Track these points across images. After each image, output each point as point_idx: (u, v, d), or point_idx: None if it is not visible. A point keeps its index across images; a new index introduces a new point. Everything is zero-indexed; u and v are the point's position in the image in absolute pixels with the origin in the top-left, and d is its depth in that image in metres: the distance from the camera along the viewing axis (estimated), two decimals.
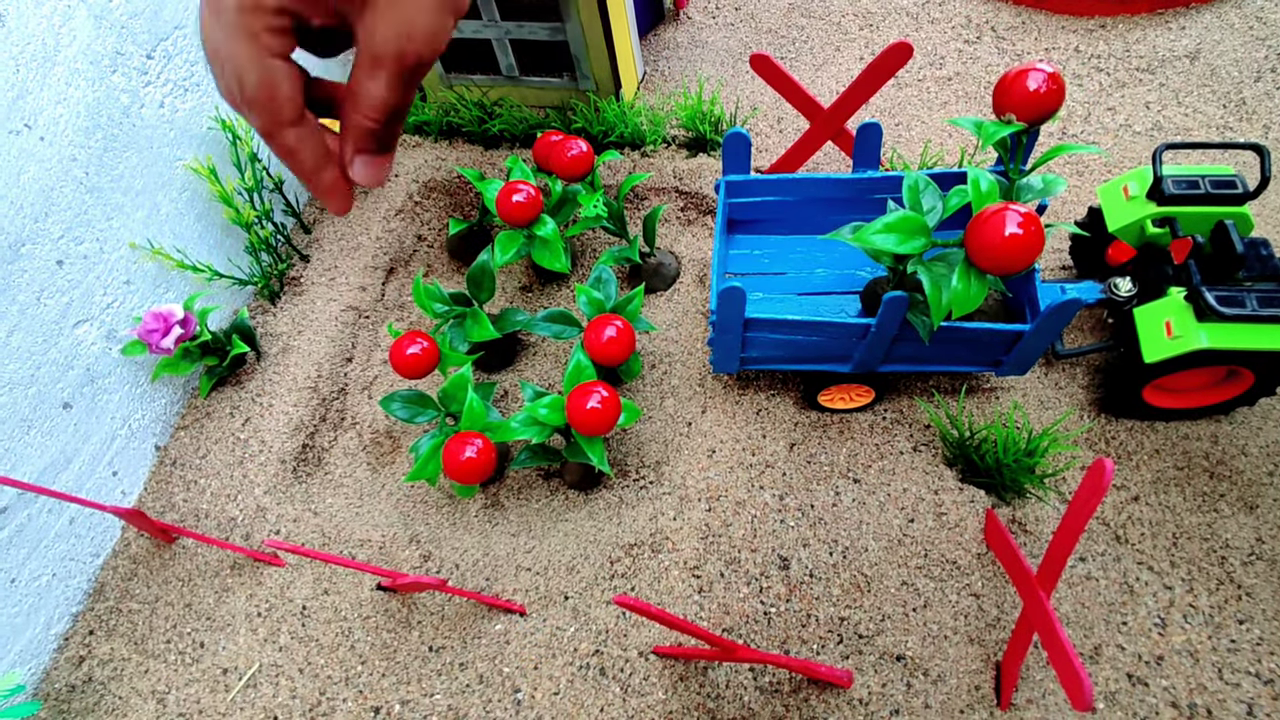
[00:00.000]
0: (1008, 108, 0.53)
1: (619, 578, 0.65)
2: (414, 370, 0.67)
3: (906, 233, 0.50)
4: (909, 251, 0.49)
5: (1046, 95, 0.51)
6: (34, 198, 0.63)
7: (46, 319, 0.65)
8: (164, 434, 0.79)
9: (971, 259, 0.48)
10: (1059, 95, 0.52)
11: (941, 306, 0.49)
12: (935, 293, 0.49)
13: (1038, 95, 0.51)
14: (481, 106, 0.98)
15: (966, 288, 0.49)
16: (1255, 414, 0.69)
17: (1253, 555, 0.62)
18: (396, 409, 0.68)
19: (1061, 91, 0.52)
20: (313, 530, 0.71)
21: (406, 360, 0.66)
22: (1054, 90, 0.51)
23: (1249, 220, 0.64)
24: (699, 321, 0.81)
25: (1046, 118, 0.53)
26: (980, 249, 0.47)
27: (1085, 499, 0.42)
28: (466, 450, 0.62)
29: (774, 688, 0.58)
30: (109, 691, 0.65)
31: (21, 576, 0.65)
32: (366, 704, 0.62)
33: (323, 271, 0.89)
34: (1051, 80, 0.51)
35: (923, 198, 0.54)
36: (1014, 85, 0.52)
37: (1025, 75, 0.52)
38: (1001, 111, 0.53)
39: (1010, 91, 0.52)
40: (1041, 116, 0.52)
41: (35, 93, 0.62)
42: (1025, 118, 0.52)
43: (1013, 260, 0.46)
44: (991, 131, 0.52)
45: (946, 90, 0.97)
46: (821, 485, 0.68)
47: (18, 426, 0.64)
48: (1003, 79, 0.53)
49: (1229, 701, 0.56)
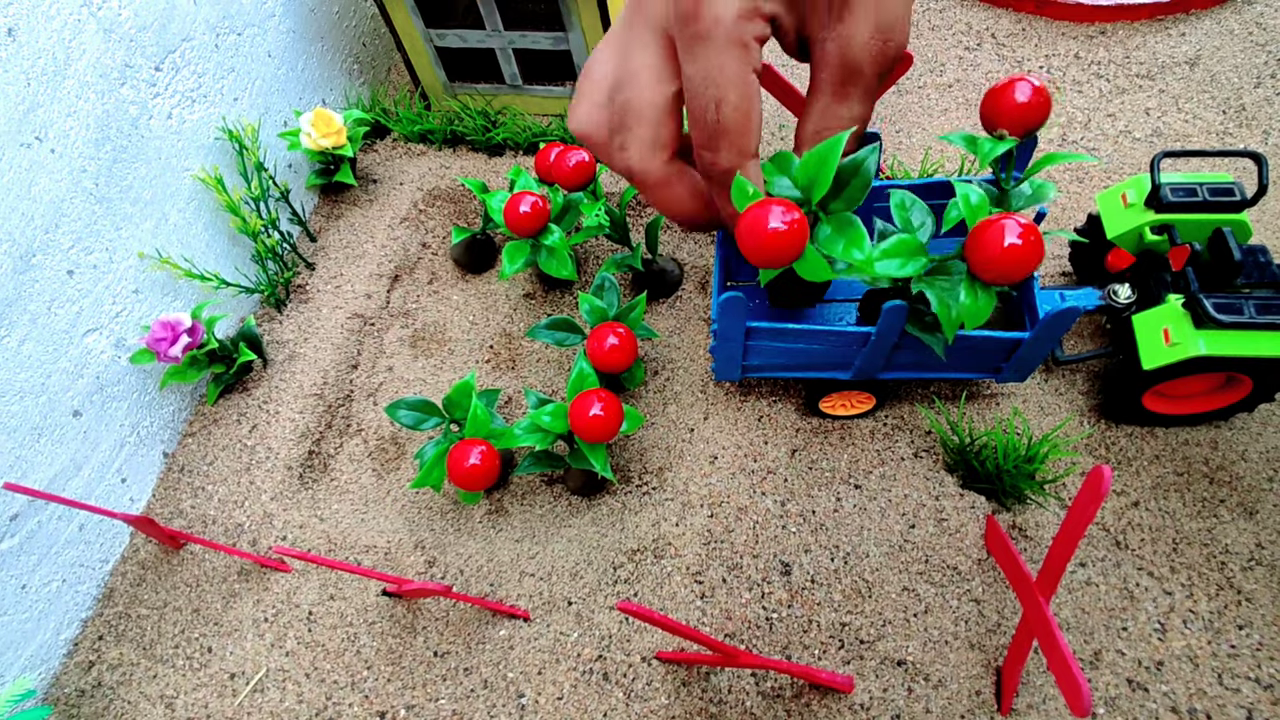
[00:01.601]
0: (998, 123, 0.53)
1: (622, 583, 0.65)
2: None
3: (906, 255, 0.50)
4: (912, 274, 0.50)
5: (1033, 107, 0.52)
6: (45, 209, 0.64)
7: (57, 328, 0.66)
8: (172, 441, 0.80)
9: (974, 272, 0.49)
10: (1046, 105, 0.52)
11: (952, 322, 0.49)
12: (944, 309, 0.49)
13: (1024, 107, 0.52)
14: (485, 115, 0.99)
15: (974, 301, 0.49)
16: (1254, 420, 0.69)
17: (1252, 561, 0.63)
18: (402, 416, 0.69)
19: (1048, 101, 0.52)
20: (319, 536, 0.72)
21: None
22: (1040, 101, 0.52)
23: (1247, 227, 0.65)
24: (701, 328, 0.81)
25: (1037, 128, 0.53)
26: (981, 261, 0.48)
27: (1084, 505, 0.43)
28: (470, 457, 0.63)
29: (776, 693, 0.59)
30: (118, 696, 0.66)
31: (32, 582, 0.66)
32: (372, 709, 0.62)
33: (328, 279, 0.90)
34: (1036, 92, 0.52)
35: (911, 215, 0.54)
36: (999, 101, 0.52)
37: (1010, 89, 0.52)
38: (992, 128, 0.54)
39: (997, 107, 0.53)
40: (1032, 128, 0.53)
41: (46, 106, 0.63)
42: (1016, 132, 0.53)
43: (1014, 270, 0.47)
44: (988, 150, 0.52)
45: (947, 97, 0.98)
46: (823, 491, 0.68)
47: (29, 434, 0.65)
48: (987, 95, 0.54)
49: (1229, 707, 0.56)
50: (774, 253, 0.43)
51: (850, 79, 0.26)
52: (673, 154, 0.35)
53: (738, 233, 0.42)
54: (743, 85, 0.26)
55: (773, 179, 0.46)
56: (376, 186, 0.98)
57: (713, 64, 0.26)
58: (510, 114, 0.99)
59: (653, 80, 0.31)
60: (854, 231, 0.47)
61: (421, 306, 0.89)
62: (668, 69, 0.31)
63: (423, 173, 0.97)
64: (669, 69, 0.31)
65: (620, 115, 0.33)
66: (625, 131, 0.33)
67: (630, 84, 0.31)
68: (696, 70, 0.26)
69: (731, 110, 0.26)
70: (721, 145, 0.27)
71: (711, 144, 0.27)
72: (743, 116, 0.26)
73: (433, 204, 0.96)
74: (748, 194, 0.41)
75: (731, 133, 0.26)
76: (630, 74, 0.32)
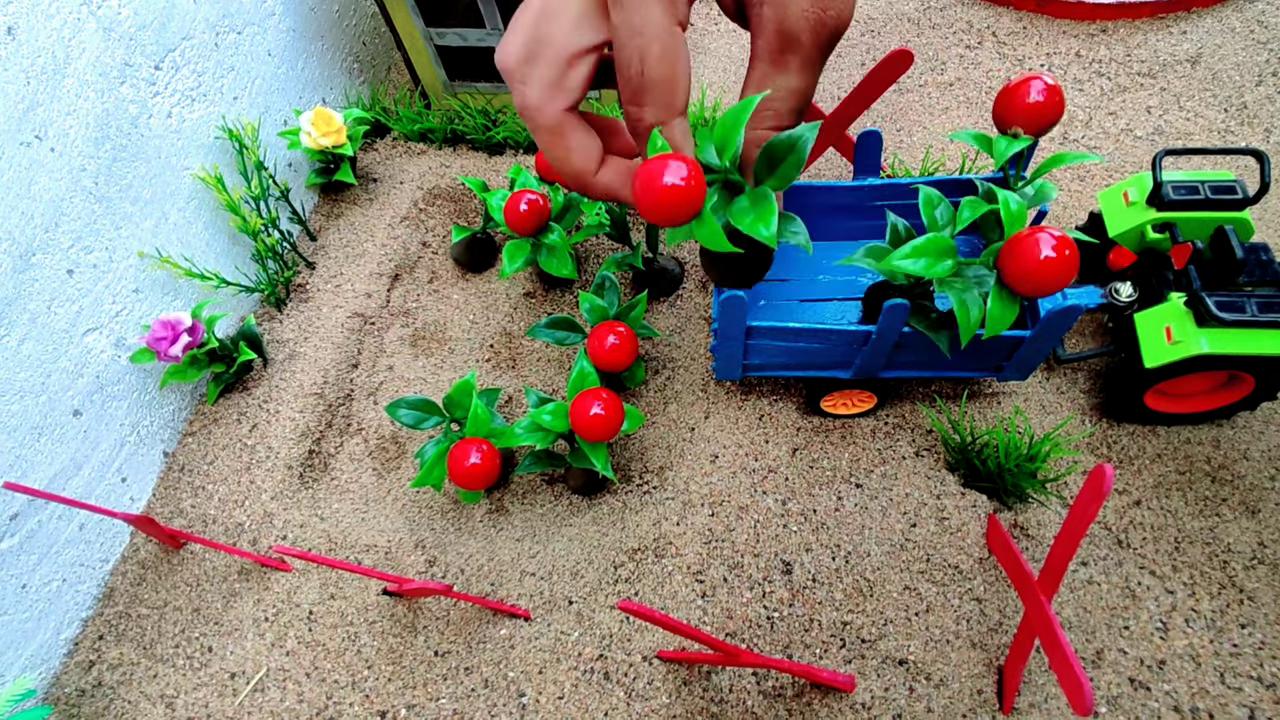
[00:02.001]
0: (1012, 122, 0.53)
1: (623, 582, 0.65)
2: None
3: (935, 255, 0.49)
4: (939, 275, 0.49)
5: (1050, 106, 0.52)
6: (44, 208, 0.64)
7: (57, 327, 0.66)
8: (172, 440, 0.80)
9: (1006, 282, 0.48)
10: (1061, 104, 0.52)
11: (971, 326, 0.49)
12: (964, 313, 0.49)
13: (1039, 107, 0.52)
14: (486, 114, 0.98)
15: (1000, 309, 0.49)
16: (1257, 418, 0.69)
17: (1254, 559, 0.62)
18: (403, 415, 0.69)
19: (1062, 101, 0.52)
20: (319, 536, 0.72)
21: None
22: (1056, 101, 0.52)
23: (1249, 225, 0.64)
24: (701, 327, 0.81)
25: (1050, 127, 0.53)
26: (1016, 273, 0.47)
27: (1086, 504, 0.43)
28: (470, 457, 0.63)
29: (777, 692, 0.59)
30: (118, 696, 0.66)
31: (33, 582, 0.66)
32: (373, 708, 0.62)
33: (328, 278, 0.90)
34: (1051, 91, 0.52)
35: (937, 214, 0.54)
36: (1015, 99, 0.52)
37: (1025, 88, 0.52)
38: (1004, 126, 0.54)
39: (1012, 105, 0.53)
40: (1046, 127, 0.53)
41: (46, 104, 0.63)
42: (1030, 130, 0.53)
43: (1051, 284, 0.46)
44: (1004, 149, 0.52)
45: (948, 96, 0.98)
46: (824, 490, 0.68)
47: (29, 434, 0.65)
48: (1002, 93, 0.54)
49: (1231, 706, 0.56)
50: (668, 210, 0.41)
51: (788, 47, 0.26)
52: (574, 105, 0.34)
53: (633, 186, 0.40)
54: (668, 37, 0.26)
55: (704, 144, 0.46)
56: (376, 185, 0.98)
57: (636, 14, 0.25)
58: (510, 112, 0.98)
59: (570, 24, 0.31)
60: (766, 206, 0.46)
61: (422, 305, 0.89)
62: (592, 18, 0.31)
63: (423, 171, 0.97)
64: (594, 19, 0.31)
65: (533, 47, 0.32)
66: (531, 64, 0.32)
67: (550, 21, 0.31)
68: (622, 20, 0.25)
69: (656, 62, 0.26)
70: (646, 100, 0.26)
71: (637, 98, 0.27)
72: (669, 69, 0.26)
73: (433, 203, 0.96)
74: (656, 146, 0.39)
75: (657, 87, 0.26)
76: (553, 11, 0.31)
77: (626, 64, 0.28)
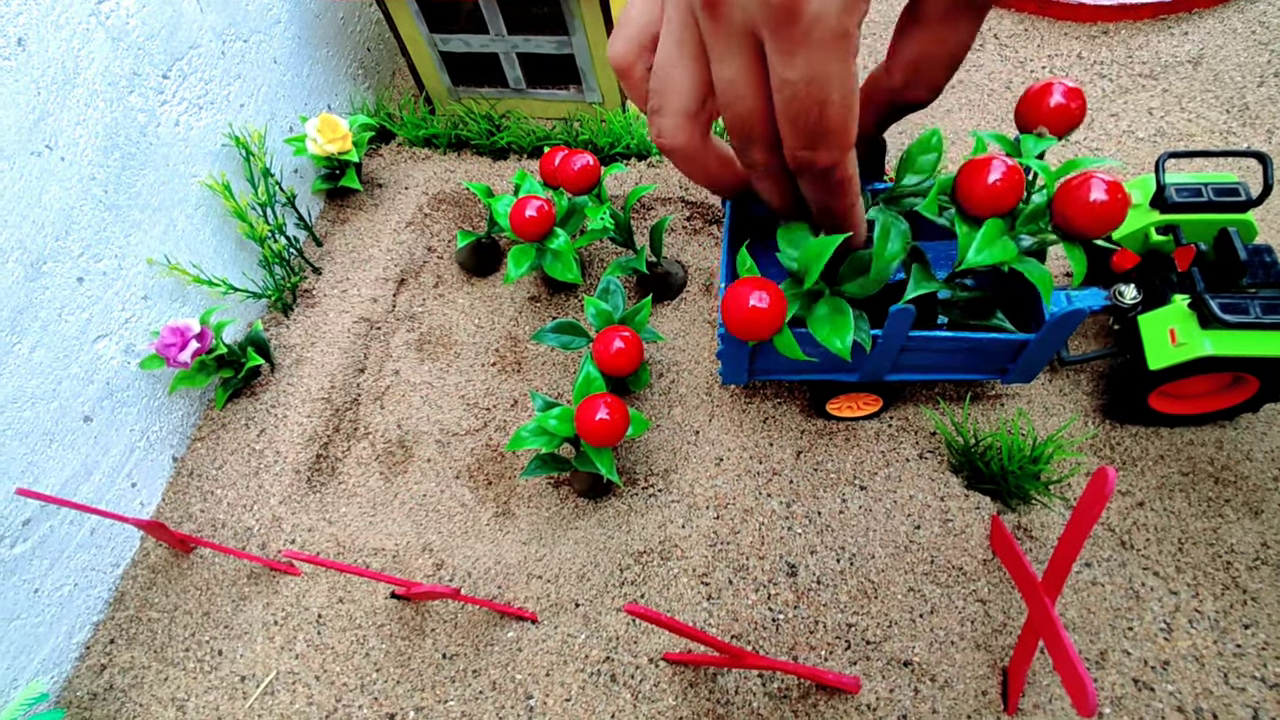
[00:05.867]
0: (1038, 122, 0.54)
1: (629, 585, 0.66)
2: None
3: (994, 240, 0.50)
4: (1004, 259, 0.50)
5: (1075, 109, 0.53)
6: (55, 216, 0.65)
7: (67, 335, 0.67)
8: (181, 446, 0.80)
9: (1061, 226, 0.50)
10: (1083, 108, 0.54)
11: (1049, 283, 0.50)
12: (1043, 280, 0.50)
13: (1063, 109, 0.53)
14: (490, 119, 0.99)
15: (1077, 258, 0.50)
16: (1260, 420, 0.69)
17: (1258, 560, 0.63)
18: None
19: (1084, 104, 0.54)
20: (327, 539, 0.72)
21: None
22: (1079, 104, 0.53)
23: (1252, 227, 0.65)
24: (706, 330, 0.82)
25: (1074, 128, 0.54)
26: (1073, 214, 0.48)
27: (1089, 506, 0.43)
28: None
29: (783, 694, 0.59)
30: (129, 699, 0.67)
31: (45, 587, 0.67)
32: (382, 711, 0.63)
33: (335, 284, 0.91)
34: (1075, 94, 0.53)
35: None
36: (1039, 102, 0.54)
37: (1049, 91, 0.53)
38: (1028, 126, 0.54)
39: (1039, 107, 0.54)
40: (1070, 129, 0.54)
41: (56, 114, 0.64)
42: (1056, 131, 0.54)
43: (1106, 221, 0.48)
44: (1031, 147, 0.53)
45: (950, 98, 0.98)
46: (828, 492, 0.69)
47: (40, 440, 0.65)
48: (1027, 94, 0.54)
49: (1235, 706, 0.56)
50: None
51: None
52: (707, 131, 0.34)
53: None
54: (847, 80, 0.25)
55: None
56: (382, 191, 0.98)
57: (818, 68, 0.24)
58: (514, 118, 0.99)
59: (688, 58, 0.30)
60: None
61: (427, 310, 0.90)
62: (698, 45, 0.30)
63: (428, 177, 0.98)
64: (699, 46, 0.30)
65: (661, 80, 0.32)
66: (663, 96, 0.32)
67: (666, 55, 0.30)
68: (799, 75, 0.24)
69: (836, 110, 0.25)
70: (822, 145, 0.26)
71: (811, 144, 0.26)
72: (847, 112, 0.25)
73: (438, 208, 0.97)
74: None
75: (835, 131, 0.26)
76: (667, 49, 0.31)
77: (801, 114, 0.27)
